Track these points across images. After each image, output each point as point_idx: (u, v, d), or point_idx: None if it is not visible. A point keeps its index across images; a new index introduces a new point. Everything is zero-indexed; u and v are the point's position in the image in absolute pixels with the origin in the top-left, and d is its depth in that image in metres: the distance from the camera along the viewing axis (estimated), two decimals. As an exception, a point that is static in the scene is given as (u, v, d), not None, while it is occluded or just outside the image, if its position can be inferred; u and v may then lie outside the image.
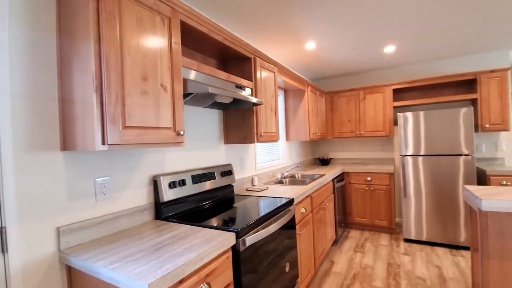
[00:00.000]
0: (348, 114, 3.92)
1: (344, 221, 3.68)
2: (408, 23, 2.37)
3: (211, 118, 2.13)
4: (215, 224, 1.38)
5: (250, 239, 1.32)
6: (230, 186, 2.15)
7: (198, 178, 1.82)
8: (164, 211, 1.55)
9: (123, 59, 1.06)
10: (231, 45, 1.84)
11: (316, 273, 2.58)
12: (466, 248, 2.94)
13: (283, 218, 1.67)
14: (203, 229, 1.31)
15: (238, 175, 2.45)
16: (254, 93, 2.12)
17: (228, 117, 2.25)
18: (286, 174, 3.18)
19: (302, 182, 2.95)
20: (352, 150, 4.24)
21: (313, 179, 2.88)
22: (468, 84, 3.38)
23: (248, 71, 2.14)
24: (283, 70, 2.66)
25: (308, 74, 4.08)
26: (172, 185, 1.60)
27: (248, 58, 2.12)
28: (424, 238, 3.09)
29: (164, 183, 1.56)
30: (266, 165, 2.96)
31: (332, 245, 3.18)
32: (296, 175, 3.29)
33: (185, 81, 1.44)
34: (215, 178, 1.97)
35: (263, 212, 1.59)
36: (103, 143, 1.00)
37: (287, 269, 1.77)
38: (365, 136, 3.80)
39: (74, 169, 1.18)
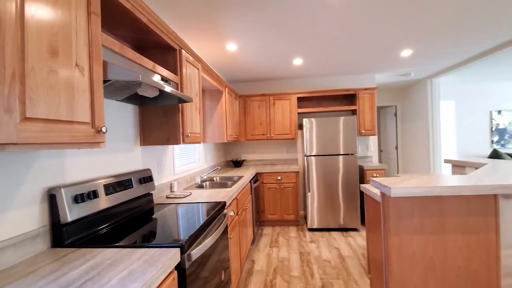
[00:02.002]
0: (260, 117, 4.15)
1: (258, 219, 3.85)
2: (317, 42, 2.74)
3: (125, 115, 1.78)
4: (146, 241, 1.14)
5: (196, 252, 1.16)
6: (149, 195, 1.86)
7: (113, 187, 1.47)
8: (67, 235, 1.16)
9: (24, 21, 0.72)
10: (156, 31, 1.59)
11: (241, 275, 2.57)
12: (353, 230, 3.63)
13: (221, 224, 1.57)
14: (136, 250, 1.06)
15: (156, 181, 2.15)
16: (180, 89, 1.91)
17: (146, 114, 1.93)
18: (205, 177, 3.04)
19: (223, 185, 2.89)
20: (263, 152, 4.52)
21: (234, 181, 2.87)
22: (350, 97, 4.22)
23: (172, 64, 1.91)
24: (206, 68, 2.54)
25: (224, 76, 4.08)
26: (78, 199, 1.22)
27: (173, 49, 1.90)
28: (323, 226, 3.62)
29: (66, 197, 1.17)
30: (184, 169, 2.73)
31: (251, 245, 3.26)
32: (215, 178, 3.20)
33: (105, 64, 1.13)
34: (133, 187, 1.65)
35: (201, 220, 1.44)
36: (-16, 142, 0.64)
37: (223, 277, 1.67)
38: (275, 139, 4.13)
39: None
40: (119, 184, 1.53)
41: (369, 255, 2.20)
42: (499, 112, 5.14)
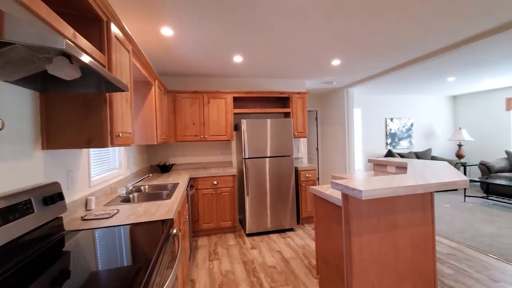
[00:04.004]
0: (192, 117, 3.76)
1: (193, 230, 3.46)
2: (260, 41, 2.62)
3: (15, 103, 1.19)
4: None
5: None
6: (59, 220, 1.31)
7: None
8: None
9: None
10: (78, -14, 1.11)
11: (181, 301, 2.17)
12: (290, 230, 3.70)
13: (169, 251, 1.22)
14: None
15: (66, 197, 1.56)
16: (108, 73, 1.43)
17: (54, 105, 1.36)
18: (131, 188, 2.47)
19: (157, 196, 2.41)
20: (194, 155, 4.12)
21: (169, 190, 2.44)
22: (283, 100, 4.32)
23: (96, 39, 1.41)
24: (137, 52, 2.04)
25: (154, 66, 3.49)
26: None
27: (99, 21, 1.40)
28: (262, 229, 3.54)
29: None
30: (102, 179, 2.14)
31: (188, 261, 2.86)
32: (143, 188, 2.66)
33: (1, 14, 0.66)
34: (33, 211, 1.11)
35: (146, 252, 1.06)
36: None
37: (176, 318, 1.31)
38: (209, 140, 3.82)
39: None
40: (11, 210, 0.98)
41: (318, 256, 2.21)
42: (391, 119, 6.33)
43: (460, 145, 6.05)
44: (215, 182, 3.55)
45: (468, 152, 6.54)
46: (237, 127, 3.96)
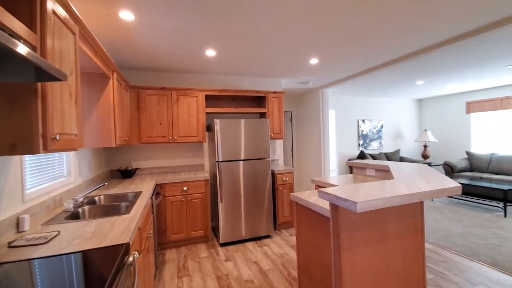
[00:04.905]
0: (159, 116, 3.39)
1: (159, 243, 3.11)
2: (234, 33, 2.37)
3: None
4: None
5: None
6: (-37, 255, 0.95)
7: None
8: None
9: None
10: None
11: (143, 333, 1.85)
12: (267, 237, 3.49)
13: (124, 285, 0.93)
14: None
15: (-18, 221, 1.19)
16: (41, 57, 1.09)
17: (-45, 96, 0.99)
18: (81, 199, 2.07)
19: (114, 209, 2.04)
20: (162, 158, 3.74)
21: (130, 201, 2.10)
22: (259, 99, 4.11)
23: (25, 15, 1.07)
24: (87, 35, 1.68)
25: (113, 58, 3.08)
26: None
27: (25, -15, 1.06)
28: (237, 238, 3.29)
29: None
30: (42, 190, 1.74)
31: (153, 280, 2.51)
32: (98, 199, 2.27)
33: None
34: None
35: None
36: None
37: None
38: (178, 142, 3.48)
39: None
40: None
41: (300, 268, 2.02)
42: (363, 121, 6.44)
43: (425, 146, 6.33)
44: (185, 188, 3.22)
45: (432, 153, 6.89)
46: (209, 128, 3.67)
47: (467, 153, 5.77)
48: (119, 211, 2.00)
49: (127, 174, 3.30)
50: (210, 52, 2.93)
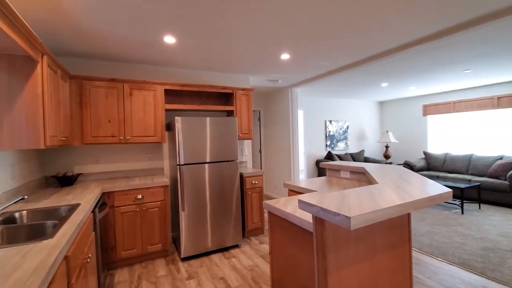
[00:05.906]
0: (108, 112, 2.89)
1: (107, 261, 2.62)
2: (195, 16, 2.04)
3: None
4: None
5: None
6: None
7: None
8: None
9: None
10: None
11: None
12: (234, 247, 3.18)
13: None
14: None
15: None
16: None
17: None
18: (-11, 218, 1.56)
19: (35, 230, 1.57)
20: (112, 161, 3.22)
21: (60, 219, 1.65)
22: (226, 96, 3.79)
23: None
24: (-14, -5, 1.22)
25: (50, 42, 2.52)
26: None
27: None
28: (201, 250, 2.93)
29: None
30: None
31: (93, 312, 2.04)
32: (18, 216, 1.76)
33: None
34: None
35: None
36: None
37: None
38: (132, 142, 3.01)
39: None
40: None
41: (274, 284, 1.76)
42: (330, 122, 6.47)
43: (387, 147, 6.57)
44: (139, 196, 2.77)
45: (394, 153, 7.20)
46: (170, 127, 3.26)
47: (425, 153, 6.09)
48: (41, 233, 1.54)
49: (66, 181, 2.74)
50: (169, 39, 2.54)
